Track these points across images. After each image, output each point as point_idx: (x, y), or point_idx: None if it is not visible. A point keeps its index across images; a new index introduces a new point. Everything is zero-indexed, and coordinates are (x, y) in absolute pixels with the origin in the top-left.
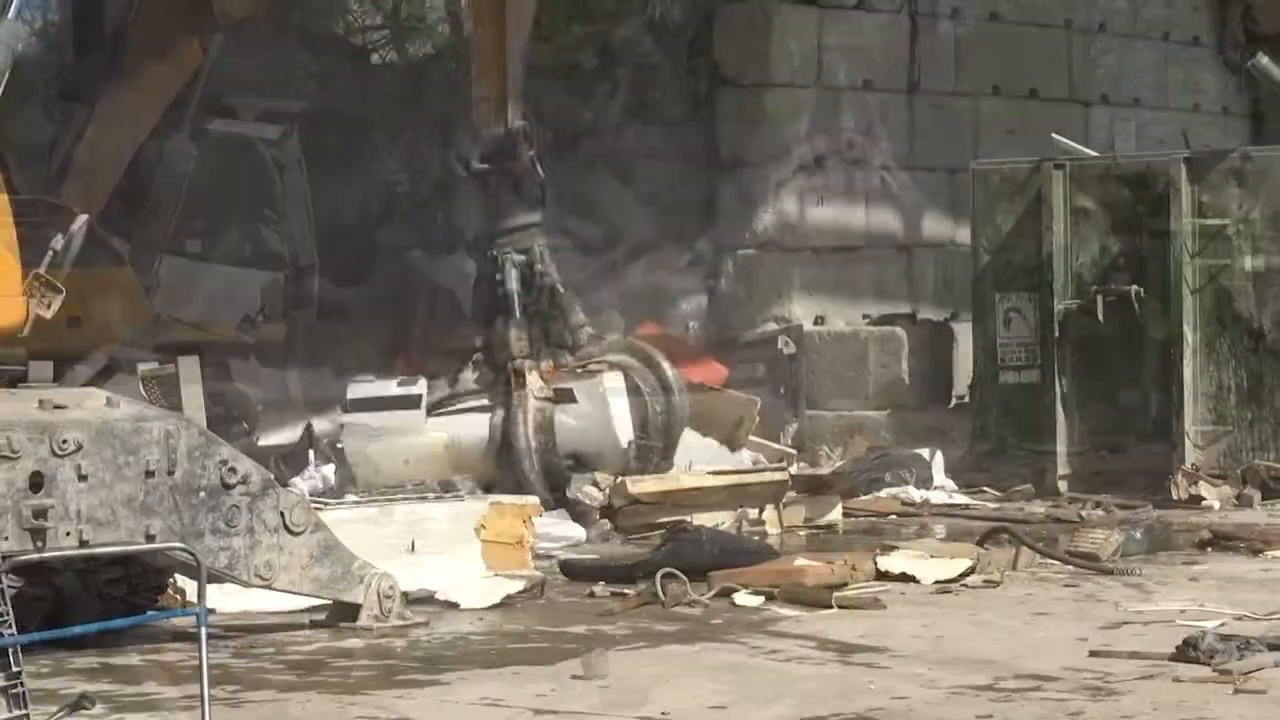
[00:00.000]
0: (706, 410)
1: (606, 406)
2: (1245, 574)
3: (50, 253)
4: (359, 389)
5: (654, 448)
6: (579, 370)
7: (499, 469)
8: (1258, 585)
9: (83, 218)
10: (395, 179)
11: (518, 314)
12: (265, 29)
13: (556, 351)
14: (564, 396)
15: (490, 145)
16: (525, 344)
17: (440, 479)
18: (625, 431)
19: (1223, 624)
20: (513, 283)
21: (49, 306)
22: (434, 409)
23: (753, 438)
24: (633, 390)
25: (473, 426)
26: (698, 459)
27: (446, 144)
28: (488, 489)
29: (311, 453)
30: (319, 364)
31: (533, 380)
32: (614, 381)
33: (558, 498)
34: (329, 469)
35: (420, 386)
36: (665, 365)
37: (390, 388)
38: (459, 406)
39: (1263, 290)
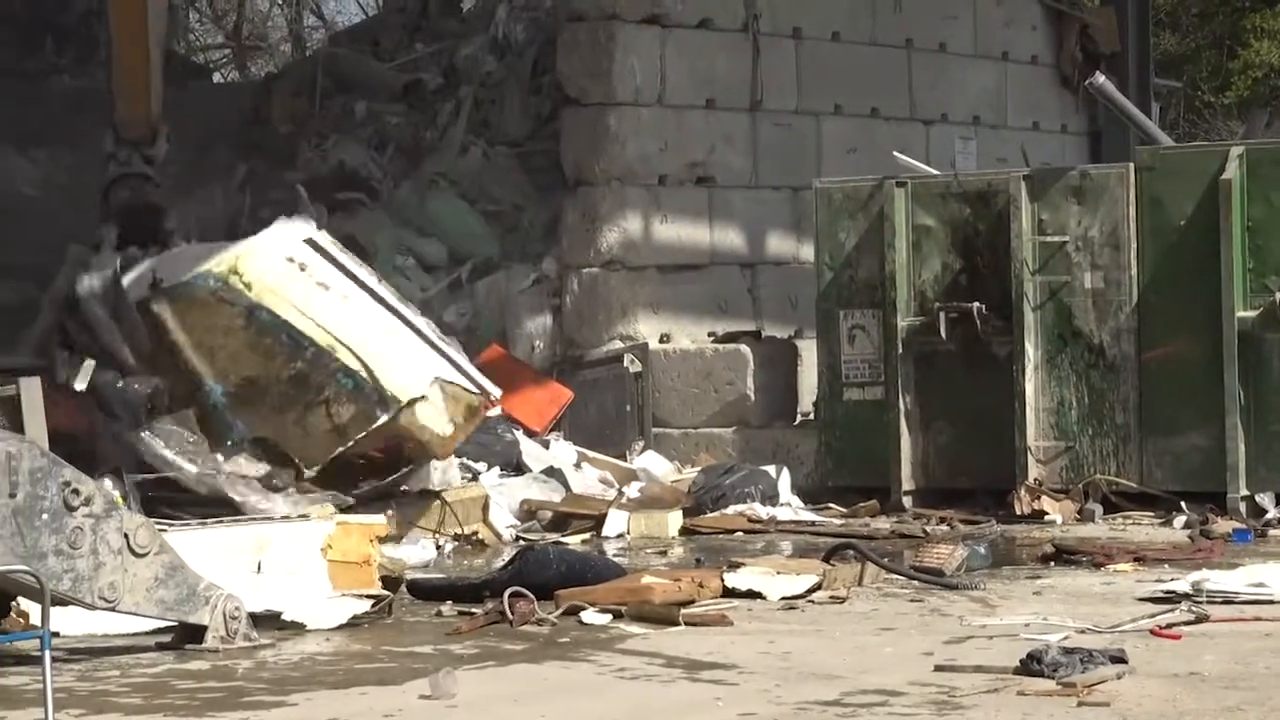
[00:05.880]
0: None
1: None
2: (1088, 588)
3: None
4: None
5: None
6: None
7: None
8: (1100, 599)
9: None
10: None
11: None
12: None
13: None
14: None
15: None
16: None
17: None
18: None
19: (1066, 637)
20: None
21: None
22: None
23: (600, 455)
24: None
25: None
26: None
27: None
28: None
29: None
30: None
31: None
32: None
33: None
34: None
35: None
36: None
37: None
38: None
39: (1102, 306)
